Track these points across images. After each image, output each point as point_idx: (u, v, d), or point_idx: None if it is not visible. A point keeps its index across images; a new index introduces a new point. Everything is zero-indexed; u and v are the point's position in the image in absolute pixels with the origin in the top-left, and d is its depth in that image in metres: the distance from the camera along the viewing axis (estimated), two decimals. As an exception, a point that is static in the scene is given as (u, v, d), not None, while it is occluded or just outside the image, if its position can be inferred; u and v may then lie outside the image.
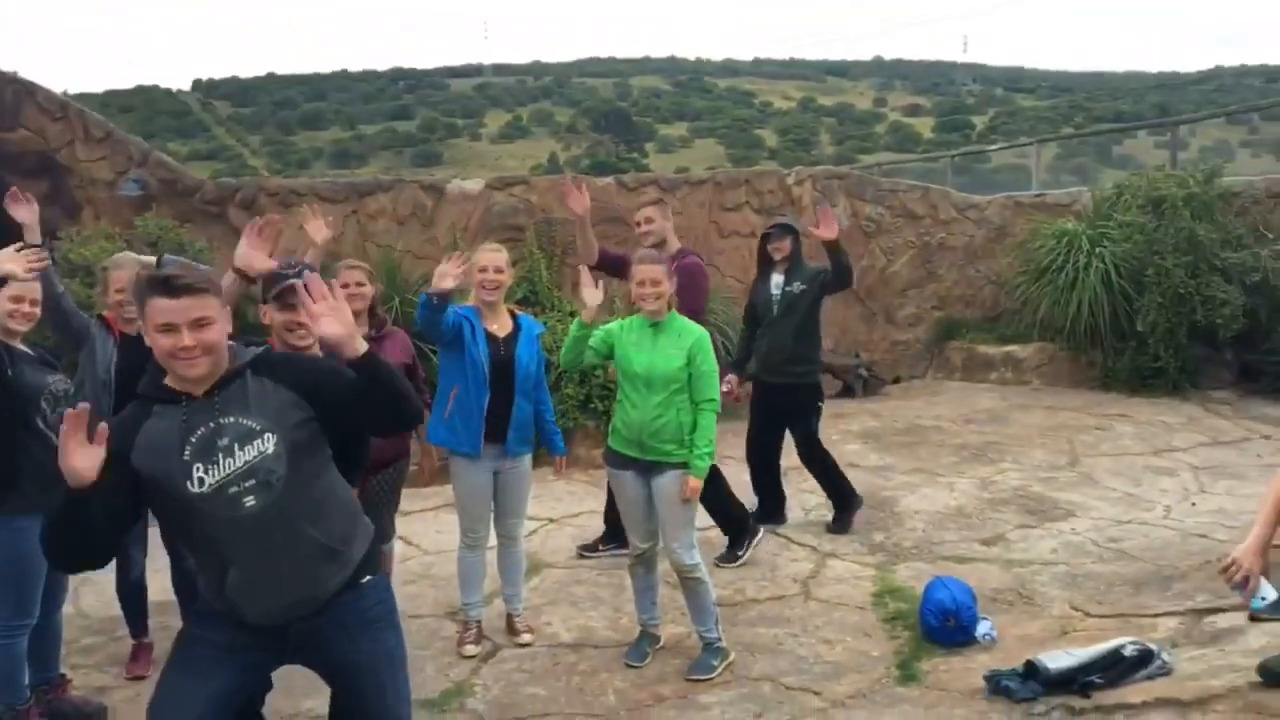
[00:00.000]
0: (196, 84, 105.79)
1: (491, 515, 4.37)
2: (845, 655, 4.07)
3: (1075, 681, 3.45)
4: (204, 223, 8.02)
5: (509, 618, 4.44)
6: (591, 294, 3.98)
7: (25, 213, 3.78)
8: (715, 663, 3.98)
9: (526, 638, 4.35)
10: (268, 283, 3.36)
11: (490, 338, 4.21)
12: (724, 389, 4.63)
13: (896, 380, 10.08)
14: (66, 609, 4.01)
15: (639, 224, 5.24)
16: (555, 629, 4.49)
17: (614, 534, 5.27)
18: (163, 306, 2.37)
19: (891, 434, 7.88)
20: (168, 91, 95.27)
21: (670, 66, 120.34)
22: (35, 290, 3.55)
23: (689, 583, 4.01)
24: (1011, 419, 8.15)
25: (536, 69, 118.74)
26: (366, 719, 2.72)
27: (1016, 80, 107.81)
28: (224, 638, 2.57)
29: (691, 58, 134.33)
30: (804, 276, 5.49)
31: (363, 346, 2.43)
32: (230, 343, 2.56)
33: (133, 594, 4.23)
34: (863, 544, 5.40)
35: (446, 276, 3.93)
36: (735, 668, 3.99)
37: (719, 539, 5.47)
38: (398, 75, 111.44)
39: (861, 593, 4.72)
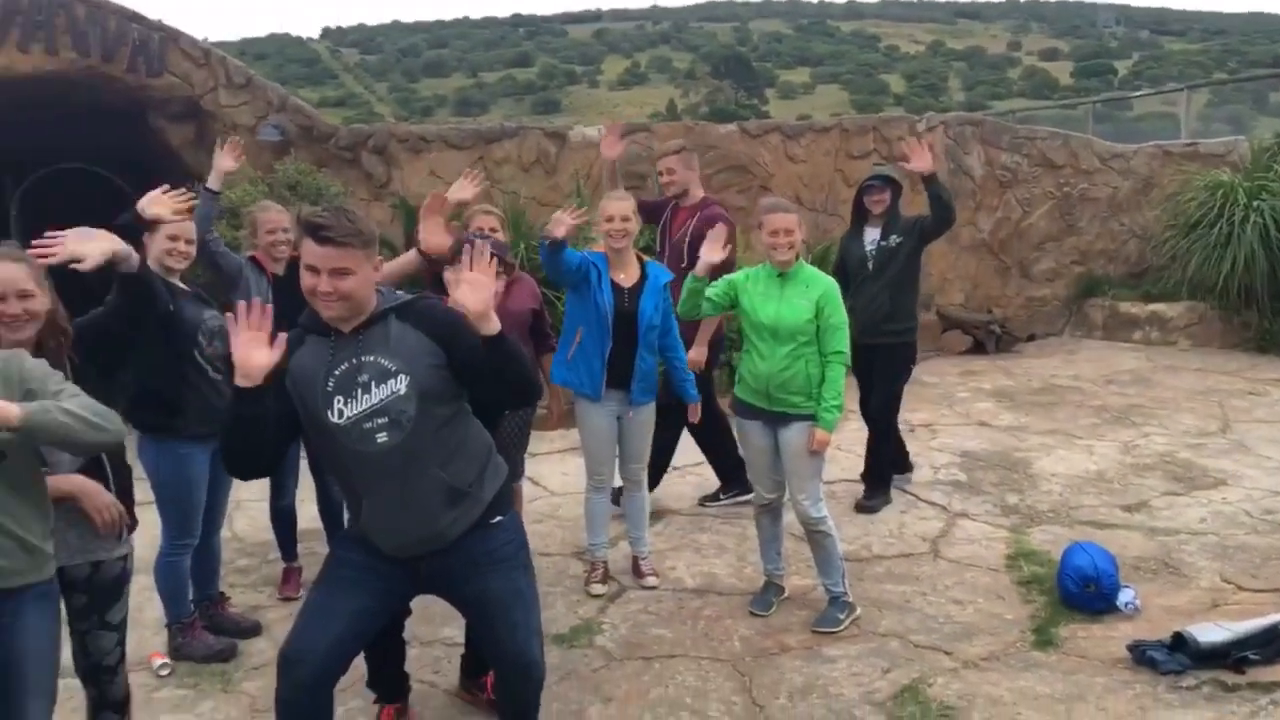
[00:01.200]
0: (325, 31, 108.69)
1: (616, 459, 4.42)
2: (977, 617, 3.98)
3: (1229, 656, 3.30)
4: (338, 167, 8.25)
5: (634, 560, 4.50)
6: (714, 253, 3.92)
7: (230, 162, 4.15)
8: (841, 616, 3.95)
9: (652, 580, 4.40)
10: (454, 249, 3.43)
11: (615, 288, 4.21)
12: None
13: (1031, 338, 9.71)
14: (223, 533, 4.25)
15: (660, 174, 5.17)
16: (680, 574, 4.53)
17: (734, 481, 5.27)
18: (310, 249, 2.50)
19: (1026, 393, 7.60)
20: (298, 39, 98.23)
21: (792, 10, 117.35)
22: (190, 230, 3.71)
23: (816, 536, 3.97)
24: (1157, 381, 7.76)
25: (655, 14, 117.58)
26: (499, 654, 2.81)
27: (1163, 22, 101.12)
28: (365, 561, 2.70)
29: (814, 0, 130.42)
30: (900, 229, 5.22)
31: (495, 327, 2.50)
32: (382, 288, 2.65)
33: (284, 519, 4.44)
34: (995, 505, 5.25)
35: (561, 224, 3.94)
36: (861, 623, 3.95)
37: (844, 493, 5.42)
38: (518, 22, 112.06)
39: (994, 554, 4.59)
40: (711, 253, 3.91)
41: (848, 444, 6.09)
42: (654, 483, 5.11)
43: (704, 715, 3.34)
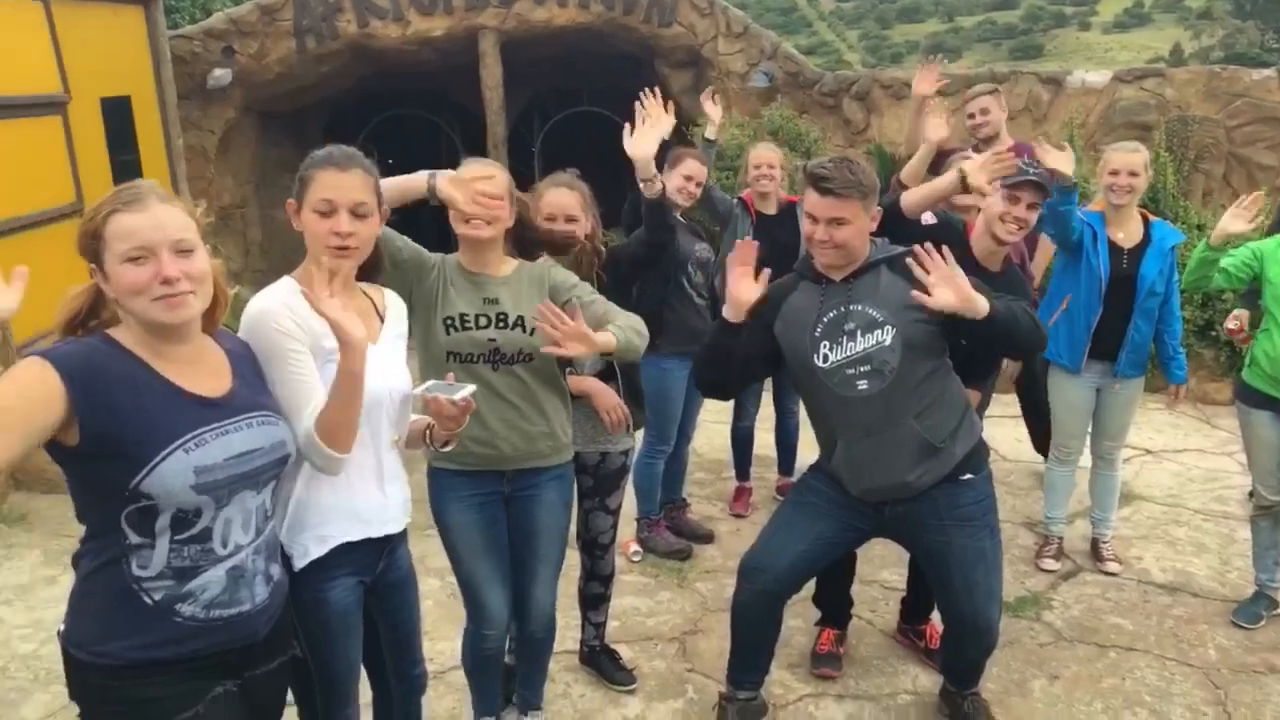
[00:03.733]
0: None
1: (1088, 432, 4.12)
2: None
3: None
4: (819, 114, 8.43)
5: (1094, 542, 4.20)
6: (1237, 223, 3.44)
7: (714, 106, 4.40)
8: (1353, 649, 3.38)
9: (1113, 566, 4.09)
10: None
11: (1113, 248, 3.86)
12: (1232, 325, 3.86)
13: None
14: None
15: (972, 115, 4.72)
16: (1146, 565, 4.15)
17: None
18: (811, 198, 2.62)
19: None
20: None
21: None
22: (702, 173, 4.03)
23: (1331, 552, 3.42)
24: None
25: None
26: (954, 610, 2.81)
27: None
28: (833, 494, 2.82)
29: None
30: None
31: (984, 308, 2.44)
32: (876, 239, 2.71)
33: (743, 440, 4.75)
34: None
35: (1061, 158, 3.63)
36: (1380, 662, 3.35)
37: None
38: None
39: None
40: (1237, 224, 3.45)
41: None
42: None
43: (1165, 718, 3.07)
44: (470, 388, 2.07)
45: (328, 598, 2.04)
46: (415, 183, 2.40)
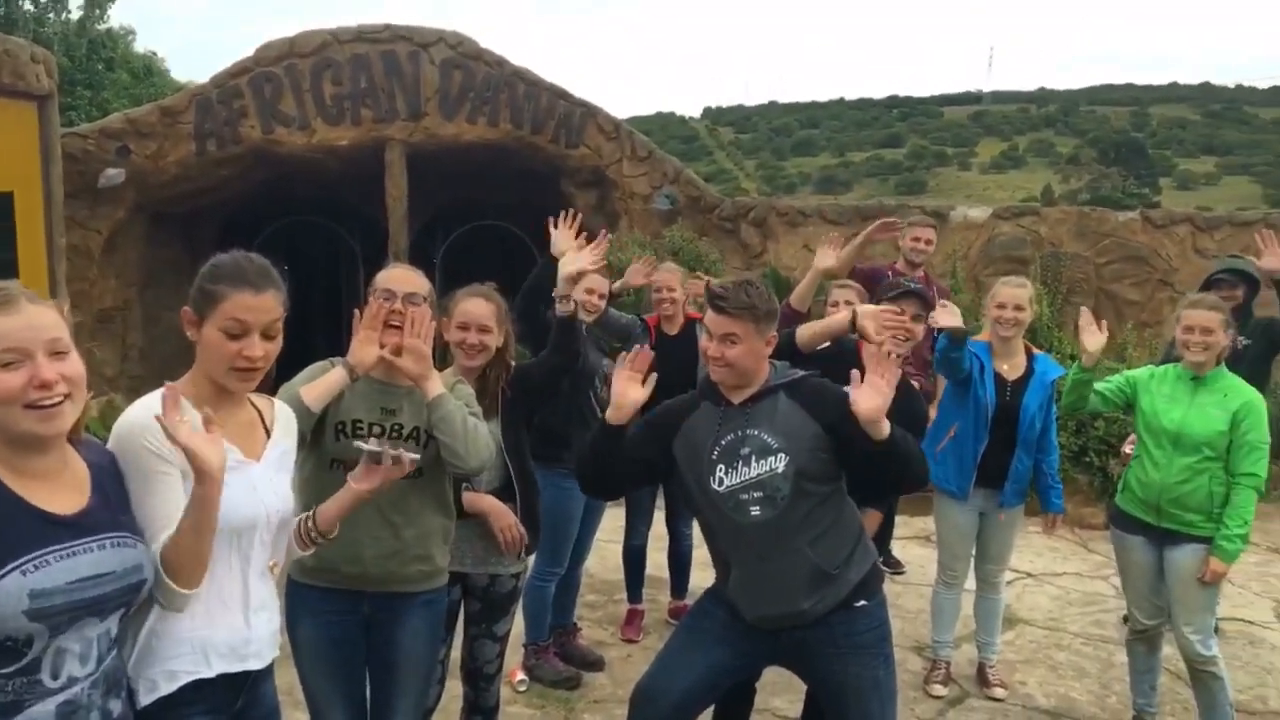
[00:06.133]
0: (706, 111, 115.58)
1: (972, 557, 4.20)
2: None
3: None
4: (718, 237, 8.70)
5: (981, 666, 4.23)
6: (1093, 338, 3.64)
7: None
8: (1224, 775, 3.44)
9: (999, 692, 4.11)
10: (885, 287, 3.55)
11: (998, 379, 4.00)
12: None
13: None
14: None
15: (918, 239, 5.11)
16: (1030, 690, 4.19)
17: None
18: (708, 314, 2.67)
19: None
20: (681, 118, 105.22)
21: (1201, 95, 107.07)
22: (604, 286, 4.07)
23: (1202, 676, 3.52)
24: None
25: (1041, 96, 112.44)
26: None
27: None
28: (728, 620, 2.76)
29: (1230, 85, 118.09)
30: (1249, 330, 4.50)
31: (885, 431, 2.47)
32: (777, 362, 2.75)
33: (635, 559, 4.65)
34: None
35: (952, 314, 3.78)
36: (1252, 789, 3.42)
37: (1235, 632, 4.74)
38: (893, 103, 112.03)
39: None
40: (1093, 342, 3.64)
41: (1243, 578, 5.33)
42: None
43: None
44: (413, 455, 2.13)
45: None
46: None
